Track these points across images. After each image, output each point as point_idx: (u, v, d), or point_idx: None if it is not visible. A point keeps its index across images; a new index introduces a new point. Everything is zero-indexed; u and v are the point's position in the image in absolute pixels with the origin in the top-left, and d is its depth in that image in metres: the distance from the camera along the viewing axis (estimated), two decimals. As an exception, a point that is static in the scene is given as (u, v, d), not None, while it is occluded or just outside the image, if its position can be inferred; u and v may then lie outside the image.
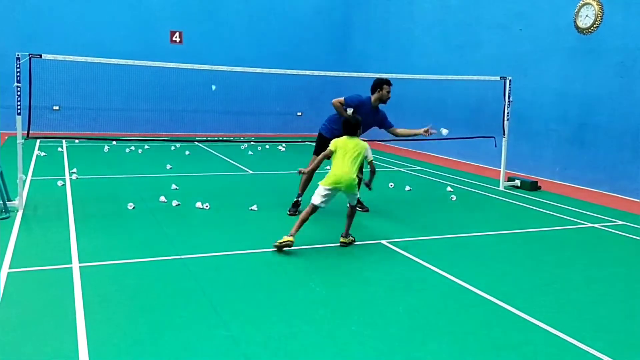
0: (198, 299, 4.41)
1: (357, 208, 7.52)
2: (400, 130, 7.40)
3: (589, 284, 5.17)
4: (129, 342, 3.64)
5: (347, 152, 5.85)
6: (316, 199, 5.80)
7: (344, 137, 6.00)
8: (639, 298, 4.87)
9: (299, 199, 7.33)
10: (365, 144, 6.00)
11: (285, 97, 17.22)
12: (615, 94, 9.27)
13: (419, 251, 5.85)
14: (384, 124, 7.41)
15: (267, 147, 14.13)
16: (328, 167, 9.79)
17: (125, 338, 3.69)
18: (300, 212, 7.22)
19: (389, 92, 7.19)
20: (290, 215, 7.19)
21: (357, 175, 5.94)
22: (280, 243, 5.54)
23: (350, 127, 6.01)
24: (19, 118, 6.86)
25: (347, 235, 5.96)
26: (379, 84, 7.17)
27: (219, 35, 16.58)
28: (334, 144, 5.98)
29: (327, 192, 5.78)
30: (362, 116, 7.10)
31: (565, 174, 10.19)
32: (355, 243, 6.01)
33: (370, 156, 6.03)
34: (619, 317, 4.42)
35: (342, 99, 7.22)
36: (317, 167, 6.29)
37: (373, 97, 7.23)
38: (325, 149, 7.36)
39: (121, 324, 3.89)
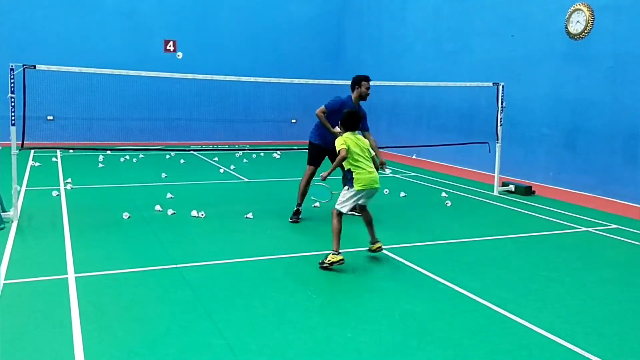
0: (194, 307, 4.41)
1: (354, 213, 7.48)
2: (371, 139, 6.75)
3: (583, 288, 5.20)
4: (125, 351, 3.65)
5: (363, 149, 5.56)
6: (346, 206, 5.49)
7: (350, 134, 5.59)
8: (632, 301, 4.91)
9: (299, 207, 7.35)
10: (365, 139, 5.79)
11: (279, 105, 17.25)
12: (606, 98, 9.34)
13: (413, 257, 5.87)
14: (362, 125, 6.98)
15: (262, 154, 14.15)
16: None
17: (121, 348, 3.69)
18: (301, 219, 7.27)
19: (368, 88, 7.05)
20: (292, 222, 7.22)
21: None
22: (331, 263, 5.35)
23: (353, 122, 5.63)
24: (13, 129, 6.88)
25: (375, 240, 5.81)
26: (357, 81, 7.06)
27: (212, 43, 16.61)
28: (344, 143, 5.49)
29: (359, 195, 5.50)
30: None
31: (558, 179, 10.24)
32: (350, 250, 6.00)
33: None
34: (613, 320, 4.45)
35: (323, 107, 7.12)
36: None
37: (353, 95, 7.12)
38: (318, 157, 7.41)
39: (117, 334, 3.90)
